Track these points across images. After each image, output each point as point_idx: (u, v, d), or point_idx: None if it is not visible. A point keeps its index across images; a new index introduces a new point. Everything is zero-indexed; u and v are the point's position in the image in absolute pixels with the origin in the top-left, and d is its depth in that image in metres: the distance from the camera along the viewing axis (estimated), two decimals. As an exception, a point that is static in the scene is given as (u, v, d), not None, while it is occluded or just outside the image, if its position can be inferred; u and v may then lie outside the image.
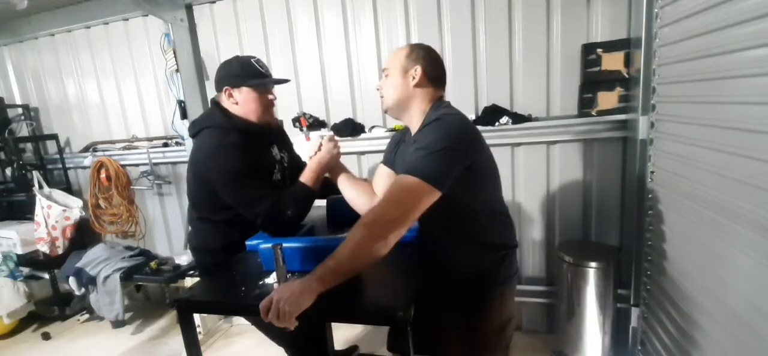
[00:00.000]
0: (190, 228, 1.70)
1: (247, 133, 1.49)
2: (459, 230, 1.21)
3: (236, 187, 1.43)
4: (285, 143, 1.78)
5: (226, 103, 1.53)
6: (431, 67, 1.26)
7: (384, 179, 1.48)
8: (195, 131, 1.54)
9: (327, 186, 1.61)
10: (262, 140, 1.60)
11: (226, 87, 1.51)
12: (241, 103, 1.51)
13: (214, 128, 1.49)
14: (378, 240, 1.01)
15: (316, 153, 1.52)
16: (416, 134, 1.24)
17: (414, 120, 1.28)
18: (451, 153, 1.08)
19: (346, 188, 1.52)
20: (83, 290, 2.93)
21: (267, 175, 1.57)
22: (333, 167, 1.55)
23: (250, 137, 1.49)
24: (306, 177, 1.50)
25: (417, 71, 1.24)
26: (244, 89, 1.49)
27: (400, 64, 1.26)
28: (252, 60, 1.53)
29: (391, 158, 1.48)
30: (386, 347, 1.56)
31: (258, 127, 1.54)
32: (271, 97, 1.56)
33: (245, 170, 1.42)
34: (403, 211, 1.03)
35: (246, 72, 1.50)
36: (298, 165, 1.80)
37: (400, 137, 1.47)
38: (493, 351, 1.29)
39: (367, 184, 1.55)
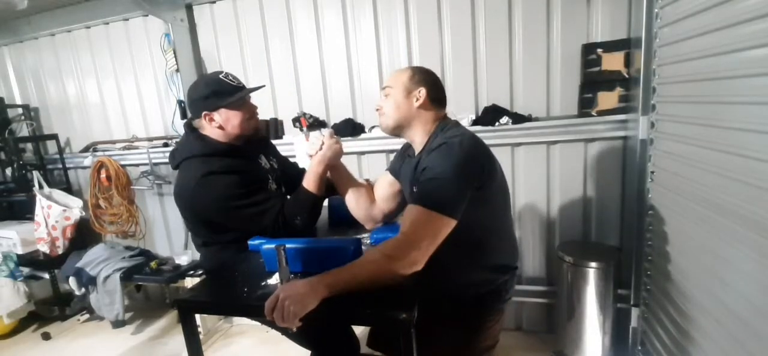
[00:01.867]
0: (199, 255, 1.66)
1: (230, 154, 1.46)
2: (464, 248, 1.20)
3: (233, 211, 1.39)
4: (270, 150, 1.74)
5: (208, 128, 1.48)
6: (433, 90, 1.28)
7: (385, 187, 1.50)
8: (176, 162, 1.50)
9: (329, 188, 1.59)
10: (248, 155, 1.56)
11: (204, 113, 1.45)
12: (224, 123, 1.46)
13: (193, 157, 1.44)
14: (399, 271, 1.03)
15: (317, 152, 1.49)
16: (422, 155, 1.25)
17: (417, 139, 1.30)
18: (463, 178, 1.09)
19: (345, 189, 1.53)
20: (83, 290, 2.93)
21: (262, 187, 1.52)
22: (335, 166, 1.53)
23: (232, 158, 1.45)
24: (308, 180, 1.47)
25: (421, 93, 1.26)
26: (223, 110, 1.44)
27: (404, 85, 1.27)
28: (220, 75, 1.46)
29: (397, 169, 1.48)
30: (366, 343, 1.55)
31: (240, 143, 1.51)
32: (251, 107, 1.51)
33: (237, 192, 1.38)
34: (425, 248, 1.05)
35: (217, 91, 1.44)
36: (290, 169, 1.79)
37: (406, 147, 1.46)
38: None
39: (367, 189, 1.55)
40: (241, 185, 1.39)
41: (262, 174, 1.58)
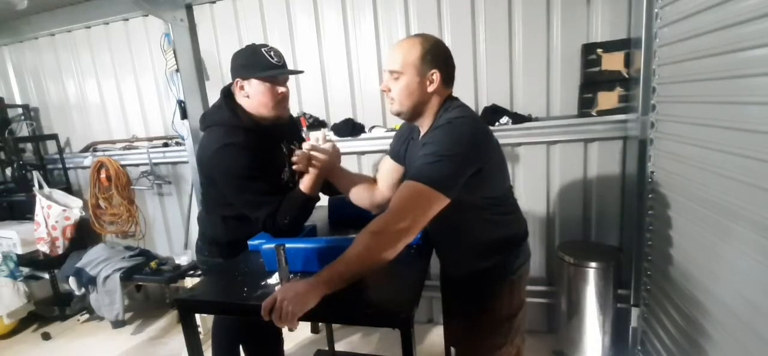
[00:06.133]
0: (199, 210, 1.72)
1: (255, 132, 1.45)
2: (463, 229, 1.21)
3: (239, 188, 1.41)
4: (296, 136, 1.72)
5: (238, 96, 1.47)
6: (446, 70, 1.19)
7: (389, 172, 1.46)
8: (204, 125, 1.53)
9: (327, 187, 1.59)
10: (273, 137, 1.54)
11: (237, 79, 1.45)
12: (252, 96, 1.44)
13: (220, 125, 1.45)
14: (387, 248, 1.01)
15: None
16: (426, 136, 1.21)
17: (426, 122, 1.24)
18: (461, 159, 1.07)
19: (347, 188, 1.52)
20: (83, 290, 2.93)
21: (274, 175, 1.53)
22: (332, 169, 1.52)
23: (257, 136, 1.44)
24: (305, 184, 1.45)
25: (435, 76, 1.16)
26: (254, 82, 1.42)
27: (415, 66, 1.15)
28: (263, 49, 1.43)
29: (400, 153, 1.42)
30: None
31: (267, 123, 1.48)
32: (282, 90, 1.45)
33: (249, 172, 1.39)
34: (412, 220, 1.02)
35: (255, 62, 1.41)
36: None
37: (407, 131, 1.42)
38: (502, 336, 1.28)
39: (367, 179, 1.55)
40: (251, 166, 1.39)
41: (279, 161, 1.57)
